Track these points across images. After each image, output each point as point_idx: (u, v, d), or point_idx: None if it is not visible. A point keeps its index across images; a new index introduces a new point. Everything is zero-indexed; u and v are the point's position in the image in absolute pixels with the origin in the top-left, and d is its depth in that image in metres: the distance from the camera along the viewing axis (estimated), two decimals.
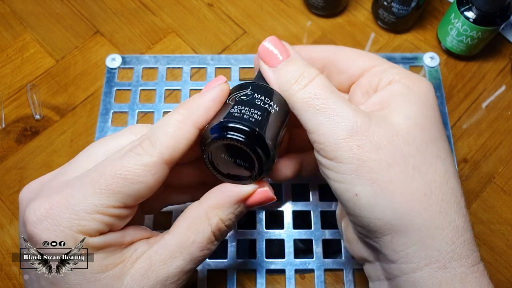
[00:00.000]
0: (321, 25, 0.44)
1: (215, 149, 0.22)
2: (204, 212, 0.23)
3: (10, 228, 0.35)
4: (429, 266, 0.21)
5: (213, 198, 0.23)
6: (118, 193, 0.20)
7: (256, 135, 0.21)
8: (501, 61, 0.42)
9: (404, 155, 0.21)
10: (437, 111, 0.24)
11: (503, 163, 0.38)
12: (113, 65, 0.41)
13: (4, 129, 0.39)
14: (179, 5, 0.46)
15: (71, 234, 0.20)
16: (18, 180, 0.37)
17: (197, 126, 0.22)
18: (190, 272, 0.23)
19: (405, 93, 0.23)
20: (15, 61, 0.43)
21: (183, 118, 0.22)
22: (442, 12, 0.45)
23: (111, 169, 0.20)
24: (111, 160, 0.21)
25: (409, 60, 0.42)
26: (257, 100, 0.23)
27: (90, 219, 0.20)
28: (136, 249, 0.22)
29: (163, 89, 0.40)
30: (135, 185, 0.21)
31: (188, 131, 0.22)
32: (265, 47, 0.25)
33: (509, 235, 0.35)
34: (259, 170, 0.22)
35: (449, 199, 0.22)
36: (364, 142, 0.21)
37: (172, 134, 0.21)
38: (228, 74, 0.41)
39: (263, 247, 0.34)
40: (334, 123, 0.22)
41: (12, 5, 0.46)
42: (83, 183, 0.21)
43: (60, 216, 0.20)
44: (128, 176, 0.20)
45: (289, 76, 0.23)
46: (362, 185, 0.21)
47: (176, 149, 0.21)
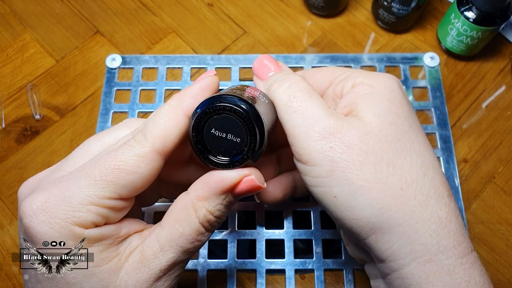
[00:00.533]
0: (321, 25, 0.44)
1: (202, 126, 0.21)
2: (191, 204, 0.22)
3: (10, 228, 0.35)
4: (416, 261, 0.21)
5: (199, 189, 0.22)
6: (113, 184, 0.20)
7: (250, 105, 0.21)
8: (501, 61, 0.42)
9: (377, 152, 0.22)
10: (406, 105, 0.24)
11: (503, 163, 0.38)
12: (113, 65, 0.41)
13: (4, 129, 0.39)
14: (179, 5, 0.46)
15: (66, 226, 0.20)
16: (18, 180, 0.37)
17: (188, 115, 0.22)
18: (184, 262, 0.23)
19: (369, 92, 0.24)
20: (15, 61, 0.43)
21: (173, 108, 0.22)
22: (442, 12, 0.45)
23: (106, 161, 0.21)
24: (105, 153, 0.21)
25: (409, 60, 0.42)
26: (249, 90, 0.23)
27: (86, 210, 0.20)
28: (130, 243, 0.22)
29: (163, 89, 0.40)
30: (130, 175, 0.21)
31: (178, 120, 0.22)
32: (259, 62, 0.26)
33: (509, 235, 0.35)
34: (250, 148, 0.21)
35: (428, 191, 0.22)
36: (336, 143, 0.21)
37: (163, 124, 0.22)
38: (228, 74, 0.41)
39: (263, 247, 0.34)
40: (308, 125, 0.22)
41: (12, 5, 0.46)
42: (79, 176, 0.21)
43: (56, 208, 0.20)
44: (122, 166, 0.20)
45: (273, 79, 0.25)
46: (339, 185, 0.21)
47: (168, 139, 0.22)
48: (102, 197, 0.20)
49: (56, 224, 0.20)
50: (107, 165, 0.20)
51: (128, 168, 0.21)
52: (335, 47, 0.43)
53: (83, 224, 0.20)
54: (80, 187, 0.20)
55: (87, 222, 0.20)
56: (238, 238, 0.34)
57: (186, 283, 0.33)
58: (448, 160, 0.37)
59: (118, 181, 0.21)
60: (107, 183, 0.20)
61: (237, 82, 0.41)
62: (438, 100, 0.40)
